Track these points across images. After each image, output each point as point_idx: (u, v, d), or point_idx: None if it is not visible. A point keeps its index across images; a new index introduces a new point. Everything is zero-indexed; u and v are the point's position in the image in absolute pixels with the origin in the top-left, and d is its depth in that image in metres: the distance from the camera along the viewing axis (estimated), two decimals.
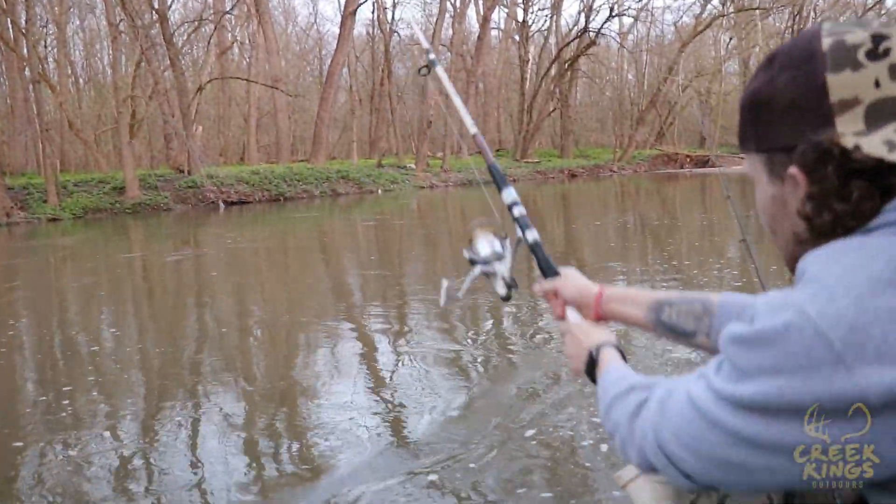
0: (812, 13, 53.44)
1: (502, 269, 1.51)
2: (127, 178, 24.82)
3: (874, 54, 0.74)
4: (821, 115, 0.76)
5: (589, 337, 1.24)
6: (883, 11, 54.72)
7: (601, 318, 1.32)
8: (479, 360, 5.88)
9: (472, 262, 1.56)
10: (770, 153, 0.83)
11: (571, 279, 1.39)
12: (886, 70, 0.74)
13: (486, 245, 1.57)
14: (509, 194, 1.54)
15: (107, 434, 4.59)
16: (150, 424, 4.72)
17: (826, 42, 0.76)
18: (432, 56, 1.95)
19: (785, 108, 0.79)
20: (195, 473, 3.93)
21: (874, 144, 0.73)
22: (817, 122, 0.76)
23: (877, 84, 0.74)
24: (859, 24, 0.78)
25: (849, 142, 0.74)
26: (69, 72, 40.53)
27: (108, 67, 39.59)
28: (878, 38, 0.75)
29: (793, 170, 0.79)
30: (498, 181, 1.57)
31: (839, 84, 0.75)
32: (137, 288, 11.01)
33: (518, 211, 1.52)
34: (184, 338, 7.31)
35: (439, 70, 1.97)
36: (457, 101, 1.79)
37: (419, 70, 2.06)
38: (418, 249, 13.95)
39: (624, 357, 1.18)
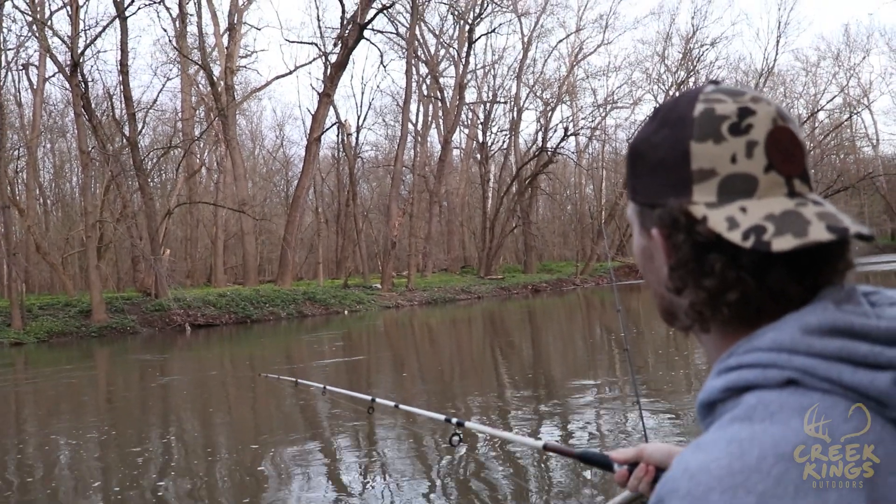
0: None
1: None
2: (94, 302, 24.86)
3: (736, 129, 0.74)
4: (681, 181, 0.75)
5: None
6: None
7: None
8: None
9: None
10: (641, 206, 0.82)
11: (654, 445, 1.29)
12: (744, 146, 0.74)
13: None
14: None
15: None
16: None
17: (698, 109, 0.76)
18: None
19: (655, 165, 0.78)
20: None
21: (718, 219, 0.72)
22: (678, 186, 0.76)
23: (733, 159, 0.73)
24: (734, 93, 0.77)
25: (699, 212, 0.73)
26: (37, 194, 40.96)
27: (77, 189, 40.09)
28: (743, 113, 0.75)
29: (654, 231, 0.79)
30: None
31: (701, 153, 0.75)
32: (101, 415, 11.01)
33: None
34: (149, 462, 7.39)
35: None
36: None
37: None
38: (384, 372, 14.14)
39: None
